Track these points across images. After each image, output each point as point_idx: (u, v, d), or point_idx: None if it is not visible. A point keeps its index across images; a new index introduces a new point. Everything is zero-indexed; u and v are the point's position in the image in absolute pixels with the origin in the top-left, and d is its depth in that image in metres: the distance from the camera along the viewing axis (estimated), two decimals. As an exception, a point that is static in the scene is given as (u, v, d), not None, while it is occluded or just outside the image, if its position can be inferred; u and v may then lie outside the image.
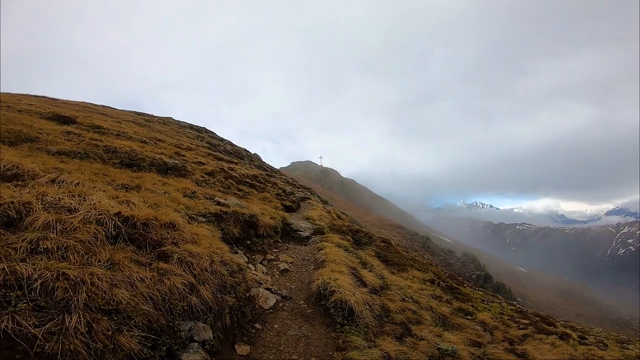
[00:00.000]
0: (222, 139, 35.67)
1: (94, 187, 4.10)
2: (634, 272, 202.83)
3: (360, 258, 7.44)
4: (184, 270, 3.15)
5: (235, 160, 18.61)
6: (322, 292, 4.65)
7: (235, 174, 11.53)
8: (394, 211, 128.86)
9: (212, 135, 35.93)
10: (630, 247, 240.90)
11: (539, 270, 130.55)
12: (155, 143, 12.12)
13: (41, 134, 7.74)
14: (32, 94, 25.73)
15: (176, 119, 38.34)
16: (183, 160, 9.96)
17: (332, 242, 7.71)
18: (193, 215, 5.07)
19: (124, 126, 15.39)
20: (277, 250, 7.00)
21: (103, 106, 30.99)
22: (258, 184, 12.04)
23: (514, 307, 13.44)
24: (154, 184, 6.01)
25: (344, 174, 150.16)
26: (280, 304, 4.66)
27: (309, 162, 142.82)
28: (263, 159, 40.20)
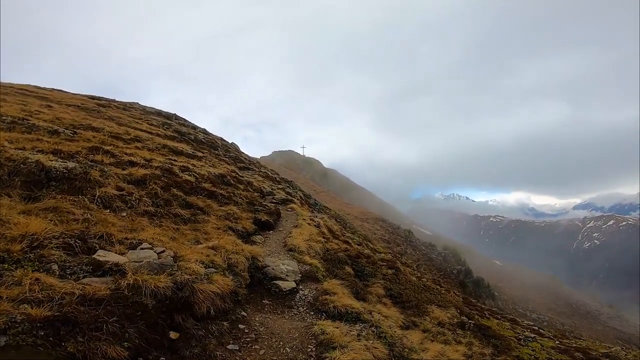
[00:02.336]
0: (195, 127, 31.43)
1: None
2: (598, 265, 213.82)
3: (386, 338, 4.30)
4: None
5: (201, 154, 14.89)
6: None
7: (188, 178, 7.94)
8: (375, 202, 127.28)
9: (183, 122, 31.57)
10: (595, 241, 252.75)
11: (511, 263, 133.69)
12: (73, 134, 8.29)
13: None
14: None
15: (142, 104, 33.54)
16: (91, 162, 6.07)
17: (337, 319, 4.50)
18: None
19: (45, 111, 11.32)
20: (236, 349, 3.64)
21: (52, 89, 26.20)
22: (221, 191, 8.52)
23: (550, 342, 11.27)
24: None
25: (326, 164, 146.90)
26: None
27: (291, 152, 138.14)
28: (243, 149, 36.34)
